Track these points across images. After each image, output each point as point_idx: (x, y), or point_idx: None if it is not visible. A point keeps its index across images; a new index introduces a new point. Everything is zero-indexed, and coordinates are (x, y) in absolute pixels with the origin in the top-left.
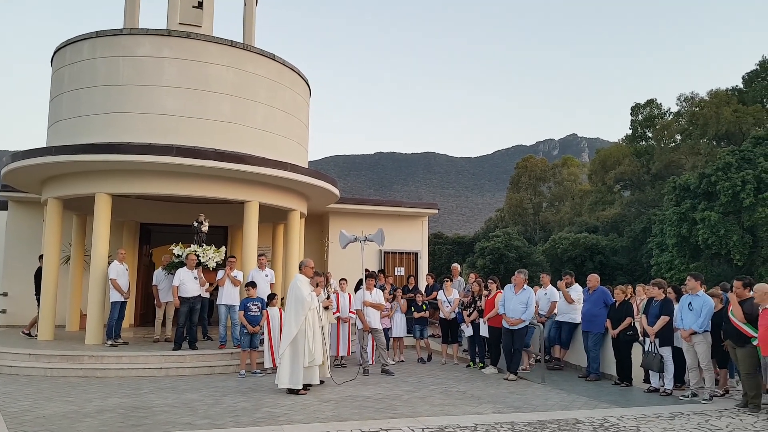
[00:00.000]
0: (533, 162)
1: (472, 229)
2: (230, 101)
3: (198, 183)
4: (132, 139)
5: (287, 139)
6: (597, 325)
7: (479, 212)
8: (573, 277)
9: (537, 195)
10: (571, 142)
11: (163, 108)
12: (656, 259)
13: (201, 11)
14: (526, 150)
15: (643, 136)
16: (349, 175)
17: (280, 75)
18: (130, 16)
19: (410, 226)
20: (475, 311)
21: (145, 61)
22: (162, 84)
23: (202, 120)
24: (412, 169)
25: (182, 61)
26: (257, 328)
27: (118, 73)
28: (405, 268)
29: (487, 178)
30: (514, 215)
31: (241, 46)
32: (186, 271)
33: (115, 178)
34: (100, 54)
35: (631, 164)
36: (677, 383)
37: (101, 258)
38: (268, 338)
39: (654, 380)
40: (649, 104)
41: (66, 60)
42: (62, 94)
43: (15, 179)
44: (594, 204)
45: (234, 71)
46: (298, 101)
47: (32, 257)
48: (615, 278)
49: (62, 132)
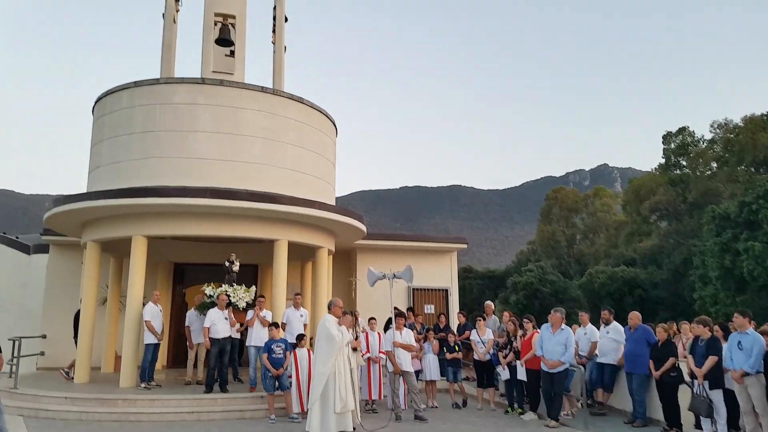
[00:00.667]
0: (564, 193)
1: (503, 262)
2: (261, 144)
3: (231, 223)
4: (168, 182)
5: (315, 178)
6: (641, 366)
7: (509, 245)
8: (612, 314)
9: (570, 227)
10: (603, 172)
11: (197, 152)
12: (699, 293)
13: (233, 59)
14: (555, 181)
15: (677, 165)
16: (375, 210)
17: (309, 117)
18: (166, 66)
19: (439, 262)
20: (511, 352)
21: (180, 108)
22: (197, 129)
23: (234, 162)
24: (438, 201)
25: (216, 107)
26: (281, 371)
27: (155, 120)
28: (435, 306)
29: (516, 210)
30: (547, 248)
31: (271, 91)
32: (217, 312)
33: (151, 220)
34: (138, 102)
35: (666, 193)
36: (732, 429)
37: (136, 299)
38: (296, 381)
39: (705, 426)
40: (681, 132)
41: (106, 109)
42: (102, 141)
43: (56, 223)
44: (630, 235)
45: (265, 115)
46: (326, 141)
47: (71, 300)
48: (656, 313)
49: (102, 177)
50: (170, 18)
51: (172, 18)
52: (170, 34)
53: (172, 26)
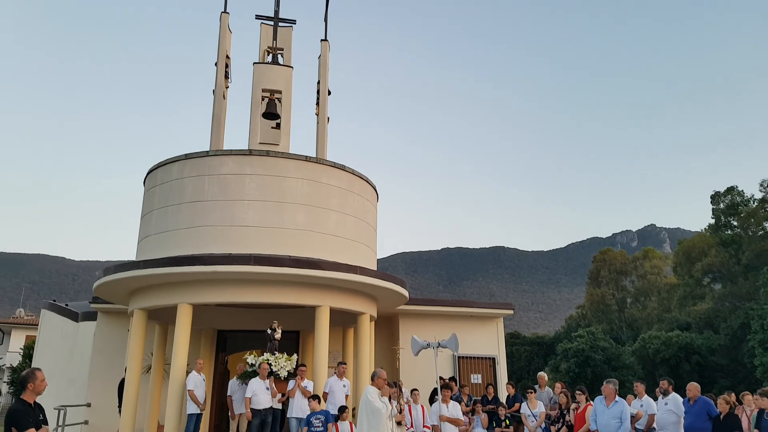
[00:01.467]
0: (612, 255)
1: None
2: (304, 210)
3: (274, 289)
4: (213, 250)
5: (357, 243)
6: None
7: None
8: (672, 385)
9: (620, 290)
10: (650, 232)
11: (243, 220)
12: (760, 359)
13: (278, 131)
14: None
15: (728, 225)
16: (417, 272)
17: (350, 183)
18: (215, 138)
19: (485, 328)
20: (564, 426)
21: (228, 178)
22: (243, 198)
23: (278, 229)
24: (481, 263)
25: (262, 177)
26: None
27: (203, 190)
28: (482, 375)
29: (563, 273)
30: (597, 312)
31: (314, 159)
32: (258, 382)
33: (196, 288)
34: (188, 174)
35: (718, 255)
36: None
37: (180, 368)
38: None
39: None
40: (729, 192)
41: (157, 180)
42: (152, 211)
43: (105, 292)
44: (683, 298)
45: (308, 183)
46: (367, 206)
47: (116, 368)
48: (716, 381)
49: (150, 246)
50: (220, 94)
51: (221, 94)
52: (220, 109)
53: (221, 101)
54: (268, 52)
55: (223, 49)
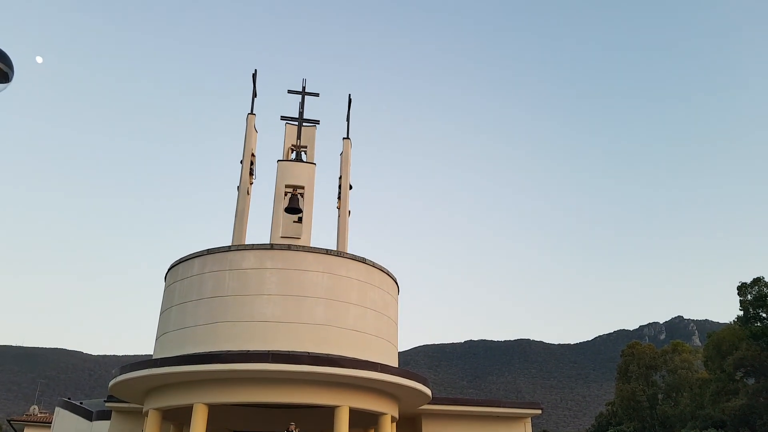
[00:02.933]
0: (640, 349)
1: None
2: (324, 304)
3: (291, 389)
4: (231, 347)
5: (377, 338)
6: None
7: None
8: None
9: (650, 386)
10: (678, 325)
11: (262, 315)
12: None
13: (300, 225)
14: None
15: (757, 317)
16: (440, 366)
17: (370, 276)
18: (238, 233)
19: (512, 429)
20: None
21: (249, 273)
22: (263, 293)
23: (297, 324)
24: (506, 357)
25: (282, 271)
26: None
27: (224, 286)
28: None
29: (591, 367)
30: (628, 409)
31: (335, 253)
32: None
33: (212, 387)
34: (209, 269)
35: (749, 348)
36: None
37: None
38: None
39: None
40: (756, 283)
41: (178, 276)
42: (172, 307)
43: (121, 390)
44: (716, 394)
45: (328, 276)
46: (387, 299)
47: None
48: None
49: (168, 343)
50: (244, 190)
51: (246, 190)
52: (243, 204)
53: (245, 197)
54: (292, 149)
55: (248, 148)
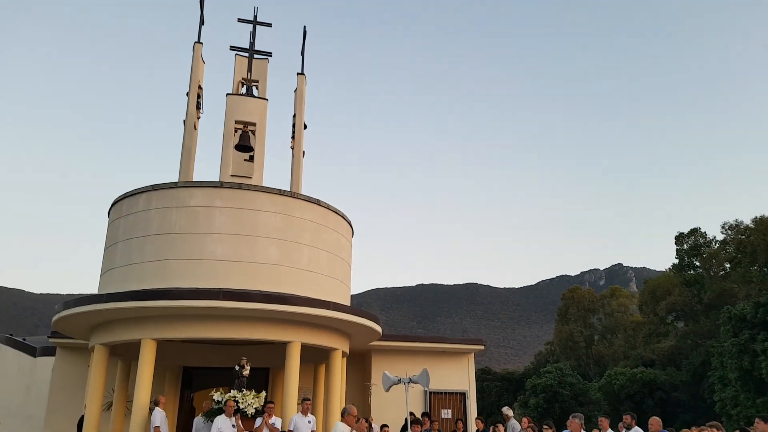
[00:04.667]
0: (580, 293)
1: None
2: (277, 245)
3: (243, 325)
4: (181, 284)
5: (331, 278)
6: None
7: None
8: (635, 420)
9: (587, 327)
10: (617, 271)
11: (212, 254)
12: (719, 395)
13: (252, 164)
14: (571, 280)
15: (691, 265)
16: (391, 308)
17: (325, 218)
18: (185, 169)
19: (456, 364)
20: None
21: (197, 210)
22: (213, 231)
23: (249, 264)
24: (454, 300)
25: (233, 210)
26: None
27: (171, 223)
28: (452, 410)
29: (533, 309)
30: (565, 348)
31: (288, 193)
32: (224, 419)
33: (161, 323)
34: (155, 205)
35: (681, 294)
36: None
37: (143, 405)
38: None
39: None
40: (693, 233)
41: (123, 211)
42: (117, 243)
43: (65, 326)
44: (648, 336)
45: (282, 217)
46: (341, 241)
47: (76, 404)
48: (677, 416)
49: (114, 279)
50: (191, 124)
51: (192, 124)
52: (190, 140)
53: (192, 132)
54: (242, 83)
55: (195, 79)
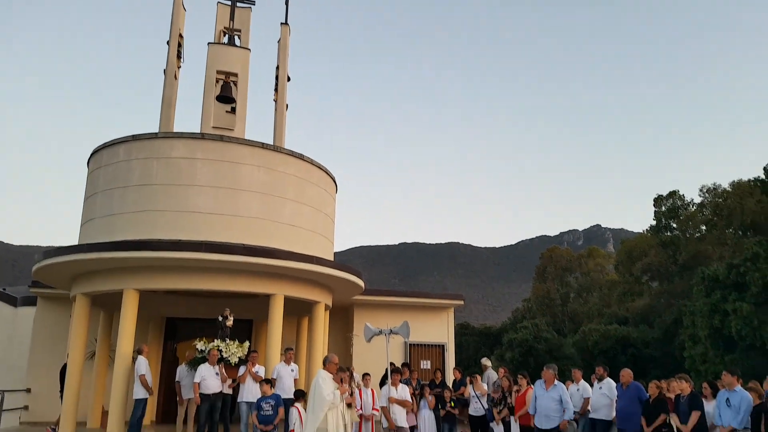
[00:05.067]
0: (558, 252)
1: (499, 319)
2: (260, 199)
3: (226, 277)
4: (163, 236)
5: (313, 233)
6: (633, 423)
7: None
8: (606, 371)
9: (564, 286)
10: (596, 232)
11: (194, 206)
12: (689, 352)
13: (233, 116)
14: (550, 240)
15: (668, 227)
16: (373, 266)
17: (308, 173)
18: (165, 120)
19: (436, 318)
20: (506, 408)
21: (178, 162)
22: (194, 183)
23: (232, 217)
24: (436, 259)
25: (214, 162)
26: (270, 428)
27: (151, 174)
28: (431, 361)
29: (513, 269)
30: (542, 306)
31: (271, 147)
32: (207, 367)
33: (144, 274)
34: (136, 156)
35: (657, 255)
36: None
37: (126, 355)
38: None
39: None
40: (671, 195)
41: (102, 162)
42: (96, 193)
43: (46, 276)
44: (622, 295)
45: (264, 170)
46: (325, 196)
47: (58, 353)
48: (648, 372)
49: (94, 230)
50: (171, 74)
51: (173, 74)
52: (170, 90)
53: (173, 82)
54: (224, 33)
55: (175, 27)
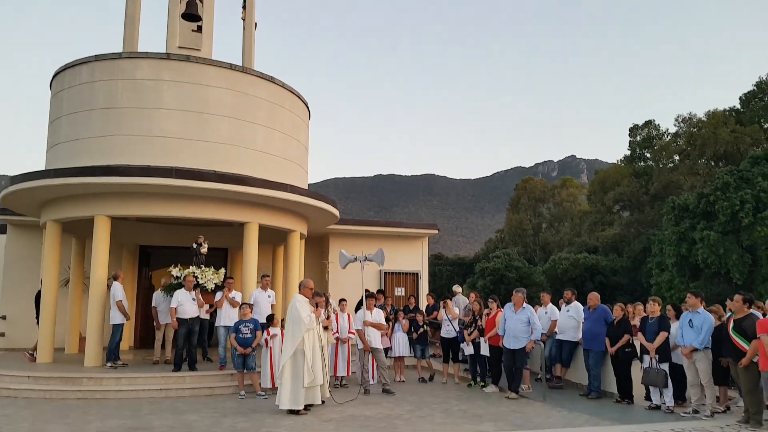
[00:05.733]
0: (533, 183)
1: (473, 250)
2: (229, 123)
3: (198, 205)
4: (131, 161)
5: (287, 161)
6: (598, 344)
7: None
8: (575, 295)
9: (537, 216)
10: (570, 163)
11: (162, 130)
12: (656, 279)
13: (200, 35)
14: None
15: (642, 157)
16: (349, 198)
17: (280, 97)
18: (129, 41)
19: (410, 247)
20: (476, 330)
21: (144, 84)
22: (161, 107)
23: (201, 142)
24: (412, 191)
25: (181, 84)
26: (248, 350)
27: (117, 96)
28: (405, 289)
29: (487, 200)
30: (514, 236)
31: (240, 69)
32: (184, 293)
33: (114, 200)
34: (99, 77)
35: (629, 185)
36: (677, 400)
37: (100, 281)
38: (269, 358)
39: (655, 397)
40: (647, 125)
41: (65, 83)
42: (61, 117)
43: (14, 202)
44: (593, 224)
45: (233, 93)
46: (298, 123)
47: (31, 281)
48: (615, 298)
49: (61, 155)
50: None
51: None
52: (134, 7)
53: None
54: None
55: None
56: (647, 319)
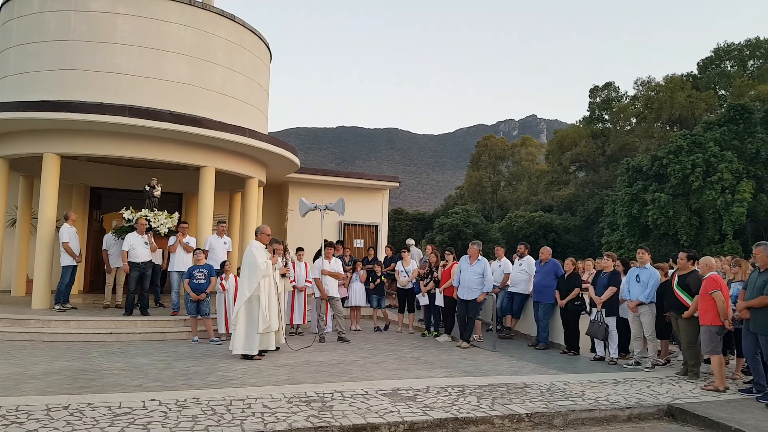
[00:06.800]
0: (493, 141)
1: (432, 205)
2: (187, 62)
3: (152, 146)
4: (83, 97)
5: (246, 104)
6: (547, 296)
7: (440, 189)
8: (528, 249)
9: (496, 174)
10: (531, 122)
11: (116, 67)
12: (607, 238)
13: None
14: (487, 129)
15: (600, 119)
16: (311, 149)
17: (240, 37)
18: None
19: (371, 199)
20: (432, 281)
21: (98, 16)
22: (116, 41)
23: (157, 81)
24: (374, 144)
25: (137, 18)
26: (202, 296)
27: (69, 29)
28: (365, 241)
29: (449, 156)
30: (473, 193)
31: (200, 5)
32: (136, 236)
33: (64, 137)
34: (50, 7)
35: (587, 146)
36: (622, 353)
37: (48, 221)
38: (223, 304)
39: (599, 349)
40: (607, 87)
41: (14, 13)
42: (9, 48)
43: None
44: (550, 184)
45: (192, 31)
46: (259, 65)
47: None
48: (566, 256)
49: (9, 88)
50: None
51: None
52: None
53: None
54: None
55: None
56: (599, 274)
